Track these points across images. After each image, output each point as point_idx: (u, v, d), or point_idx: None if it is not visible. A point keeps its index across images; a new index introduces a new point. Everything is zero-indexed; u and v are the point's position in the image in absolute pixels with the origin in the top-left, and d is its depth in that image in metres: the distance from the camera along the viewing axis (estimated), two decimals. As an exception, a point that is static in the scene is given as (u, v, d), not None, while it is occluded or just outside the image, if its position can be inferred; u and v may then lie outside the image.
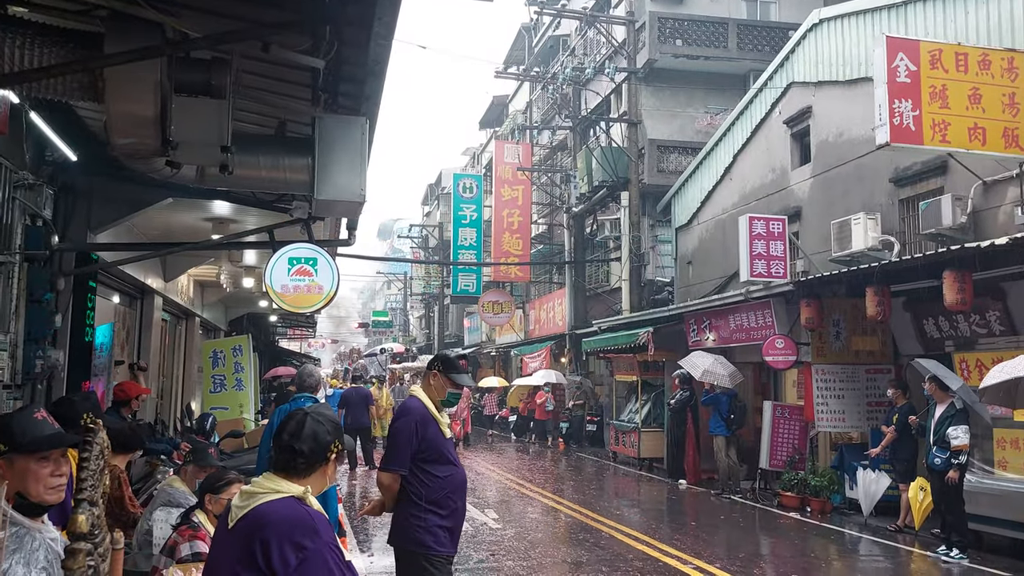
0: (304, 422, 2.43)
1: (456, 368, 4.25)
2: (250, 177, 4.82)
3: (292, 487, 2.33)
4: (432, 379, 4.29)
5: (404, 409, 4.29)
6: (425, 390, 4.29)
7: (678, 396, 14.36)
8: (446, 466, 4.17)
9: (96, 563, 2.35)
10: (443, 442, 4.17)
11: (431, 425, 4.15)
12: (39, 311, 6.49)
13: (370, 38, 4.07)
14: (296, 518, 2.25)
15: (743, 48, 19.81)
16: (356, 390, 16.70)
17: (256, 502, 2.28)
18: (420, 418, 4.16)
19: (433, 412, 4.18)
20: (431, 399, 4.25)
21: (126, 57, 3.39)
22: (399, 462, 4.14)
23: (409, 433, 4.15)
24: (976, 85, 9.43)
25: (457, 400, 4.27)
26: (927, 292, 9.78)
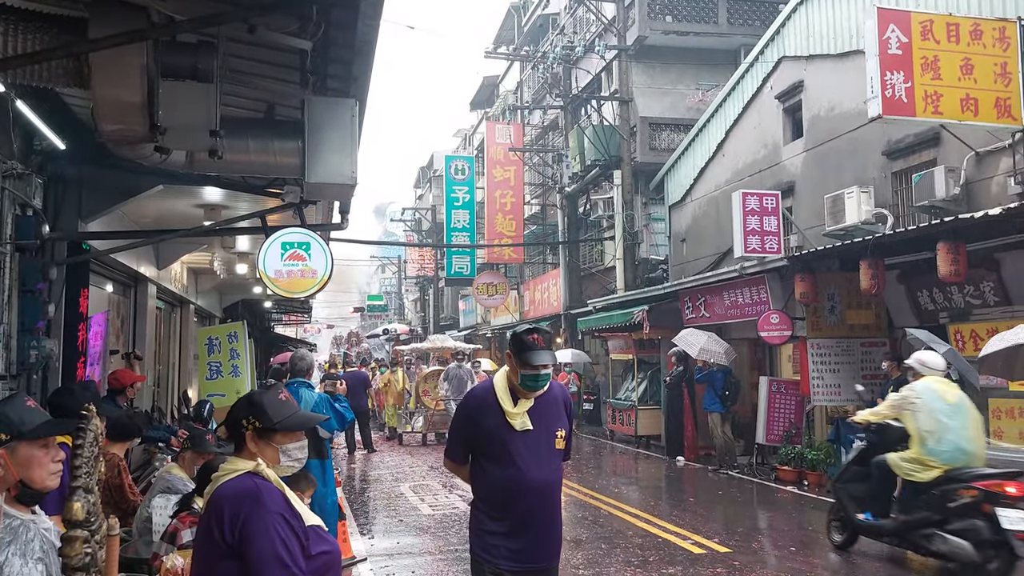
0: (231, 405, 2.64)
1: (523, 345, 3.55)
2: (240, 162, 4.78)
3: (245, 463, 2.48)
4: (508, 361, 3.64)
5: (467, 393, 3.99)
6: (508, 373, 3.64)
7: (674, 373, 14.41)
8: (505, 467, 3.50)
9: (93, 550, 2.35)
10: (505, 437, 3.50)
11: (491, 415, 3.53)
12: (32, 301, 6.47)
13: (358, 18, 4.04)
14: (242, 490, 2.39)
15: (733, 23, 19.70)
16: (353, 374, 16.74)
17: (216, 484, 2.46)
18: (477, 405, 3.63)
19: (502, 400, 3.53)
20: (508, 384, 3.61)
21: (111, 42, 3.35)
22: (451, 451, 3.76)
23: (459, 421, 3.74)
24: (968, 55, 9.39)
25: (537, 383, 3.54)
26: (921, 264, 9.80)
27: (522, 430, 3.51)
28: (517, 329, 3.64)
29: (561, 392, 3.75)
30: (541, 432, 3.56)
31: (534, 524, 3.56)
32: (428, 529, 8.91)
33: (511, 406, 3.52)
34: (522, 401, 3.55)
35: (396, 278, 52.43)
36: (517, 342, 3.55)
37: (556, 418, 3.63)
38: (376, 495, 11.36)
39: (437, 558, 7.61)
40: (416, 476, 13.01)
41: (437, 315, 40.62)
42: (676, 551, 7.83)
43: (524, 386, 3.52)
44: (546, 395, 3.60)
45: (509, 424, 3.50)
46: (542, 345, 3.53)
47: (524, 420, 3.52)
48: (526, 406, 3.54)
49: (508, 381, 3.60)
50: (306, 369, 7.27)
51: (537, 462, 3.53)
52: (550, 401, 3.62)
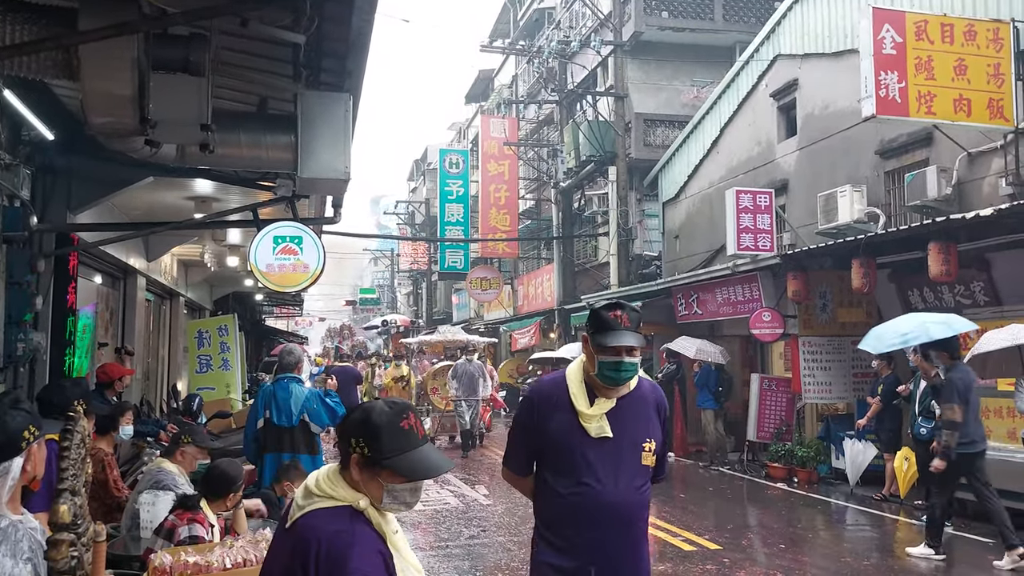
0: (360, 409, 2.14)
1: (601, 323, 2.82)
2: (231, 156, 4.75)
3: (345, 492, 2.06)
4: (585, 347, 2.92)
5: (532, 386, 3.22)
6: (584, 362, 2.94)
7: (666, 370, 14.42)
8: (573, 483, 2.80)
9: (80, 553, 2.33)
10: (576, 444, 2.80)
11: (561, 415, 2.82)
12: (19, 293, 6.42)
13: (352, 12, 4.00)
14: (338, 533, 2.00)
15: (729, 20, 19.69)
16: (344, 369, 16.64)
17: (310, 506, 2.08)
18: (543, 401, 2.90)
19: (575, 397, 2.83)
20: (586, 378, 2.89)
21: (101, 34, 3.31)
22: (510, 458, 3.05)
23: (521, 419, 2.99)
24: (962, 56, 9.41)
25: (619, 375, 2.80)
26: (912, 264, 9.82)
27: (598, 436, 2.79)
28: (595, 304, 2.98)
29: (654, 393, 3.00)
30: (623, 441, 2.84)
31: (606, 559, 2.79)
32: (419, 524, 8.90)
33: (586, 405, 2.82)
34: (601, 400, 2.84)
35: (389, 271, 52.34)
36: (594, 320, 2.86)
37: (644, 425, 2.90)
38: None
39: (428, 554, 7.60)
40: (407, 471, 13.00)
41: (430, 309, 40.57)
42: (666, 548, 7.84)
43: (602, 378, 2.81)
44: (633, 394, 2.90)
45: (582, 428, 2.81)
46: (627, 324, 2.80)
47: (602, 424, 2.80)
48: (605, 407, 2.83)
49: (584, 373, 2.89)
50: (294, 364, 7.22)
51: (615, 479, 2.80)
52: (638, 403, 2.91)
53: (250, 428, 6.71)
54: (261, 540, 3.79)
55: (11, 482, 2.24)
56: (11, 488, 2.24)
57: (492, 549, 7.81)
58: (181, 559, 3.52)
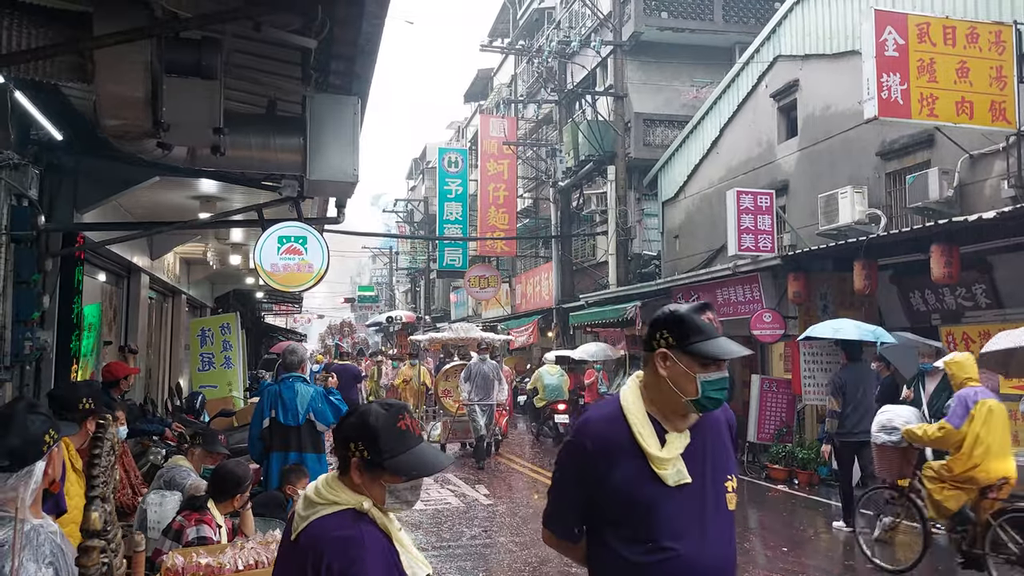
0: (357, 412, 2.17)
1: (696, 330, 2.22)
2: (241, 158, 4.76)
3: (348, 497, 2.08)
4: (661, 365, 2.24)
5: (575, 428, 2.38)
6: (643, 388, 2.30)
7: (666, 370, 14.44)
8: (651, 548, 2.18)
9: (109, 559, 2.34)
10: (650, 498, 2.18)
11: (625, 462, 2.20)
12: (26, 292, 6.42)
13: (362, 16, 4.02)
14: (347, 538, 2.02)
15: (729, 20, 19.72)
16: (344, 367, 16.63)
17: (314, 514, 2.10)
18: (600, 445, 2.23)
19: (641, 437, 2.20)
20: (648, 407, 2.27)
21: (116, 38, 3.33)
22: (554, 519, 2.42)
23: (565, 475, 2.33)
24: (964, 58, 9.44)
25: (723, 397, 2.27)
26: (914, 266, 9.86)
27: (677, 485, 2.18)
28: (676, 308, 2.27)
29: (724, 413, 2.41)
30: (705, 485, 2.23)
31: None
32: (420, 525, 8.93)
33: (657, 446, 2.19)
34: (672, 436, 2.23)
35: (387, 269, 52.33)
36: (683, 327, 2.22)
37: (723, 458, 2.32)
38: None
39: (430, 554, 7.63)
40: (407, 469, 13.01)
41: (428, 307, 40.60)
42: (668, 548, 7.86)
43: (701, 404, 2.21)
44: (703, 420, 2.31)
45: (656, 476, 2.18)
46: (718, 329, 2.28)
47: (679, 468, 2.19)
48: (680, 444, 2.22)
49: (645, 402, 2.26)
50: (298, 363, 7.24)
51: (702, 536, 2.20)
52: (711, 430, 2.32)
53: (255, 427, 6.72)
54: (272, 542, 3.82)
55: (34, 486, 2.26)
56: (33, 492, 2.27)
57: (494, 550, 7.84)
58: (193, 560, 3.55)
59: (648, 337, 2.30)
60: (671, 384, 2.21)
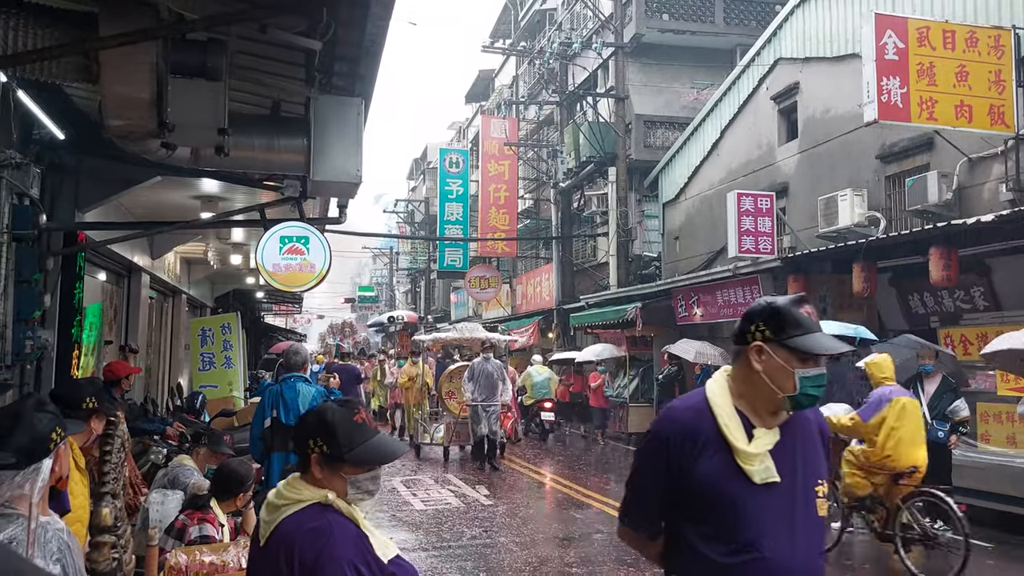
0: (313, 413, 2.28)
1: (795, 323, 2.11)
2: (245, 158, 4.78)
3: (312, 492, 2.17)
4: (756, 358, 2.14)
5: (657, 418, 2.27)
6: (731, 381, 2.21)
7: (667, 371, 14.48)
8: (733, 545, 2.07)
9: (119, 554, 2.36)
10: (736, 495, 2.08)
11: (710, 454, 2.10)
12: (28, 291, 6.44)
13: (367, 19, 4.04)
14: (316, 528, 2.10)
15: (730, 23, 19.76)
16: (344, 367, 16.63)
17: (281, 514, 2.17)
18: (683, 435, 2.14)
19: (727, 430, 2.11)
20: (736, 401, 2.17)
21: (122, 39, 3.35)
22: (631, 513, 2.31)
23: (647, 465, 2.22)
24: (963, 62, 9.47)
25: (819, 394, 2.13)
26: (913, 268, 9.89)
27: (764, 483, 2.08)
28: (774, 300, 2.17)
29: (816, 415, 2.31)
30: (795, 487, 2.12)
31: None
32: (421, 525, 8.94)
33: (745, 441, 2.10)
34: (761, 432, 2.12)
35: (387, 269, 52.36)
36: (782, 320, 2.11)
37: (814, 460, 2.21)
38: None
39: (431, 554, 7.65)
40: (407, 470, 13.03)
41: (428, 307, 40.62)
42: (667, 549, 7.89)
43: (797, 401, 2.10)
44: (794, 420, 2.19)
45: (742, 472, 2.08)
46: (817, 324, 2.15)
47: (767, 466, 2.09)
48: (768, 441, 2.12)
49: (733, 396, 2.18)
50: (301, 364, 7.25)
51: (791, 540, 2.08)
52: (802, 430, 2.21)
53: (256, 427, 6.73)
54: (274, 540, 3.84)
55: (41, 483, 2.28)
56: (41, 489, 2.29)
57: (495, 550, 7.85)
58: (197, 559, 3.57)
59: (741, 330, 2.20)
60: (766, 379, 2.11)
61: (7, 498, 2.22)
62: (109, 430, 2.63)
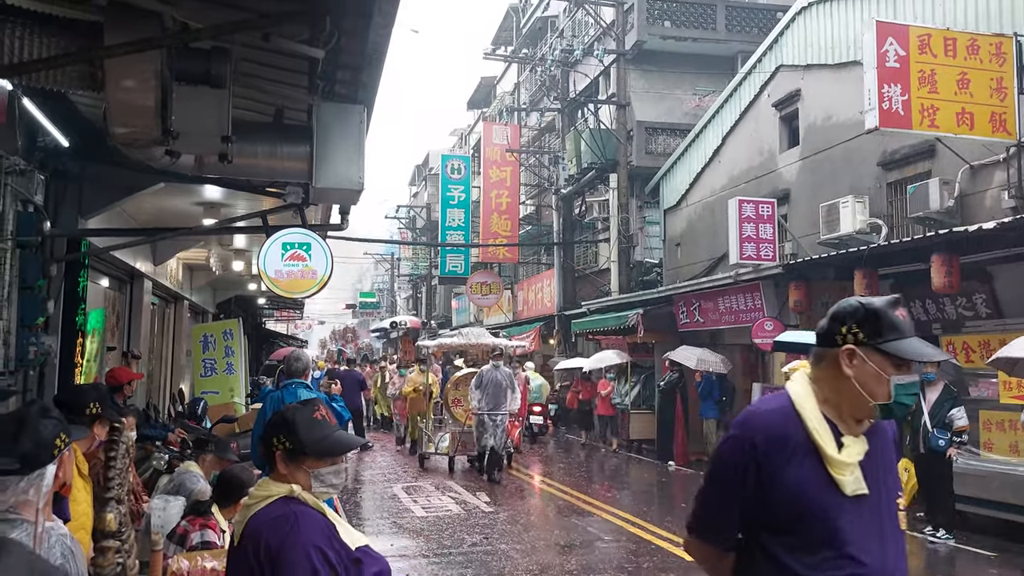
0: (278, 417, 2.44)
1: (891, 327, 1.98)
2: (248, 165, 4.80)
3: (278, 488, 2.31)
4: (847, 363, 2.00)
5: (739, 420, 2.11)
6: (815, 385, 2.06)
7: (668, 378, 14.48)
8: (825, 559, 1.94)
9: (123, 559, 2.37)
10: (828, 506, 1.94)
11: (798, 463, 1.96)
12: (31, 297, 6.47)
13: (369, 27, 4.06)
14: (278, 517, 2.24)
15: (731, 30, 19.80)
16: (349, 373, 16.66)
17: (250, 511, 2.31)
18: (765, 442, 1.99)
19: (817, 436, 1.97)
20: (821, 406, 2.03)
21: (127, 48, 3.37)
22: (708, 528, 2.14)
23: (727, 473, 2.04)
24: (964, 70, 9.49)
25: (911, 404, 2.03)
26: (915, 275, 9.89)
27: (854, 495, 1.96)
28: (869, 301, 2.02)
29: (889, 424, 2.18)
30: (880, 497, 2.02)
31: None
32: (422, 531, 8.94)
33: (835, 449, 1.97)
34: (850, 440, 2.00)
35: (389, 275, 52.41)
36: (877, 321, 1.98)
37: (894, 471, 2.14)
38: (369, 496, 11.38)
39: (431, 561, 7.64)
40: (408, 477, 13.04)
41: (430, 313, 40.63)
42: (669, 558, 7.89)
43: (889, 409, 1.99)
44: (874, 429, 2.09)
45: (832, 481, 1.95)
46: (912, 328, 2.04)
47: (857, 476, 1.97)
48: (859, 450, 2.00)
49: (819, 401, 2.03)
50: (302, 370, 7.24)
51: (883, 556, 1.99)
52: (881, 439, 2.10)
53: (257, 433, 6.74)
54: (276, 546, 3.85)
55: (45, 489, 2.30)
56: (45, 495, 2.30)
57: (495, 556, 7.85)
58: (198, 564, 3.58)
59: (829, 331, 2.06)
60: (857, 385, 1.98)
61: (12, 504, 2.23)
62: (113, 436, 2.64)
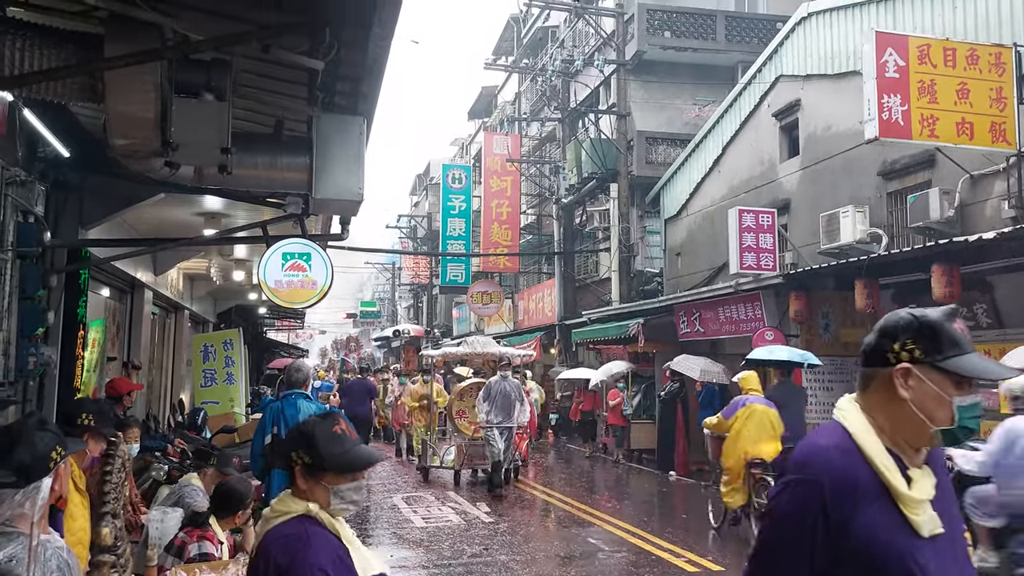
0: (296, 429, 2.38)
1: (951, 342, 1.77)
2: (248, 176, 4.80)
3: (296, 504, 2.25)
4: (902, 384, 1.77)
5: (798, 462, 1.80)
6: (869, 410, 1.82)
7: (668, 388, 14.45)
8: None
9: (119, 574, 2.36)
10: (907, 550, 1.71)
11: (871, 505, 1.71)
12: (31, 308, 6.47)
13: (369, 39, 4.07)
14: (290, 536, 2.18)
15: (731, 40, 19.84)
16: (359, 381, 16.68)
17: (267, 527, 2.25)
18: (839, 485, 1.72)
19: (884, 472, 1.73)
20: (881, 437, 1.78)
21: (127, 60, 3.38)
22: None
23: (792, 528, 1.74)
24: (964, 80, 9.50)
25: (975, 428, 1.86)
26: (915, 285, 9.87)
27: (932, 536, 1.73)
28: (924, 313, 1.80)
29: (940, 449, 1.92)
30: (952, 534, 1.80)
31: None
32: (421, 542, 8.91)
33: (903, 483, 1.73)
34: (916, 474, 1.76)
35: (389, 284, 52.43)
36: (935, 337, 1.76)
37: (955, 502, 1.92)
38: (368, 507, 11.34)
39: (431, 572, 7.61)
40: (408, 487, 13.00)
41: (431, 322, 40.62)
42: (670, 569, 7.85)
43: (952, 435, 1.76)
44: (931, 456, 1.86)
45: (907, 523, 1.72)
46: (970, 342, 1.80)
47: (931, 515, 1.74)
48: (928, 484, 1.76)
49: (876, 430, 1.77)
50: (303, 380, 7.23)
51: None
52: (940, 467, 1.88)
53: (257, 444, 6.72)
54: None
55: (41, 502, 2.29)
56: (41, 508, 2.30)
57: (495, 568, 7.81)
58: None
59: (879, 348, 1.82)
60: (916, 409, 1.74)
61: (7, 517, 2.22)
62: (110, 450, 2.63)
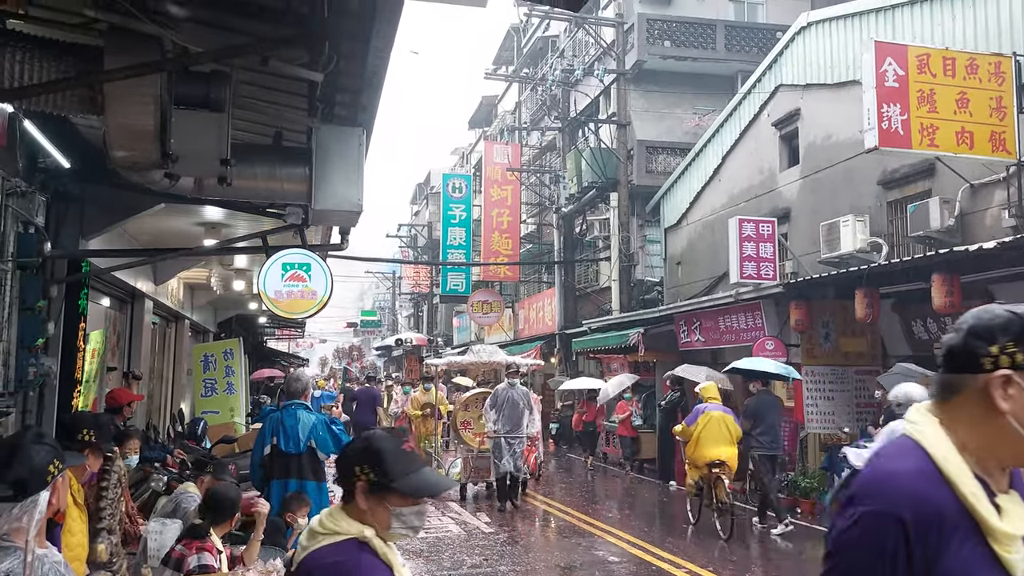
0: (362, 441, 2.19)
1: None
2: (247, 187, 4.81)
3: (350, 525, 2.06)
4: (1001, 394, 1.47)
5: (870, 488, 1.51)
6: (950, 425, 1.53)
7: (669, 397, 14.42)
8: None
9: (115, 591, 2.35)
10: None
11: (959, 541, 1.43)
12: (32, 319, 6.47)
13: (368, 51, 4.09)
14: (339, 563, 2.01)
15: (731, 49, 19.90)
16: (366, 390, 16.69)
17: (314, 544, 2.09)
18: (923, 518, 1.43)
19: (975, 502, 1.44)
20: (965, 457, 1.49)
21: (127, 73, 3.39)
22: None
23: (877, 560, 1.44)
24: (964, 89, 9.51)
25: None
26: (916, 294, 9.87)
27: None
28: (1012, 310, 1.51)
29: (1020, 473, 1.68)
30: None
31: None
32: (421, 552, 8.88)
33: (994, 514, 1.46)
34: (1004, 500, 1.50)
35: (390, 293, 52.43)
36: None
37: None
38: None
39: (431, 582, 7.58)
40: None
41: (431, 331, 40.61)
42: (670, 579, 7.82)
43: None
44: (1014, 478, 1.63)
45: (998, 561, 1.45)
46: None
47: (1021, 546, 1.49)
48: (1019, 512, 1.50)
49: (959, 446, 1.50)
50: (302, 390, 7.21)
51: None
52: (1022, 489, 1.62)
53: (256, 454, 6.70)
54: (272, 571, 3.82)
55: (38, 516, 2.28)
56: (38, 522, 2.28)
57: (496, 578, 7.78)
58: (195, 590, 3.55)
59: (969, 351, 1.52)
60: (1016, 423, 1.46)
61: (4, 531, 2.21)
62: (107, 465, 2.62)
